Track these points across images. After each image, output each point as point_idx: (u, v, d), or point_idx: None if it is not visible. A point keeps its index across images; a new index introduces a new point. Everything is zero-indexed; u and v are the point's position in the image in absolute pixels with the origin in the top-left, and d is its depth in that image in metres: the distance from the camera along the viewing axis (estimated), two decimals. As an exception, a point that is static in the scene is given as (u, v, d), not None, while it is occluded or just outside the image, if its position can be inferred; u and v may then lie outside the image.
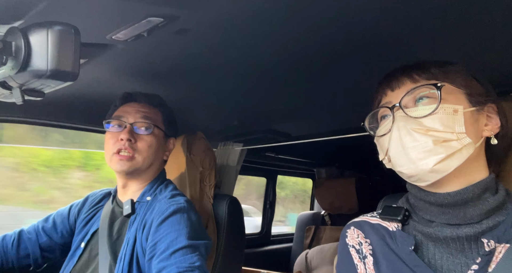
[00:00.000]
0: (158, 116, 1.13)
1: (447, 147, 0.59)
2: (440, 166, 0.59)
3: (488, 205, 0.60)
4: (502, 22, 0.69)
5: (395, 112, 0.64)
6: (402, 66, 0.68)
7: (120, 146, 1.05)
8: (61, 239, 1.18)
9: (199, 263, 0.92)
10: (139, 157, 1.06)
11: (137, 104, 1.12)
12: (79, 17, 0.67)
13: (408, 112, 0.62)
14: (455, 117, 0.60)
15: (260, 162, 2.31)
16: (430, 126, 0.60)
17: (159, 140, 1.12)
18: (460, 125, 0.60)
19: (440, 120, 0.60)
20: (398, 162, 0.62)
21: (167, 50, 0.84)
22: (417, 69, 0.65)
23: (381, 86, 0.70)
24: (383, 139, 0.66)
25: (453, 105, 0.61)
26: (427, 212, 0.64)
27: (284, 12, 0.67)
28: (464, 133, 0.60)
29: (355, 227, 0.73)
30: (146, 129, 1.08)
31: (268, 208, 2.61)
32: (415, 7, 0.64)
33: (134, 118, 1.08)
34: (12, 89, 0.61)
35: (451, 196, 0.60)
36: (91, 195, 1.26)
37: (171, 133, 1.18)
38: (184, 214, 1.01)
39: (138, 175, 1.10)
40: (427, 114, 0.60)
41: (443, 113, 0.60)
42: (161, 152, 1.15)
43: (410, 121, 0.61)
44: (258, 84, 1.08)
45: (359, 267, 0.68)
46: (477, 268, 0.57)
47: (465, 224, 0.60)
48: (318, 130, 1.63)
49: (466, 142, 0.59)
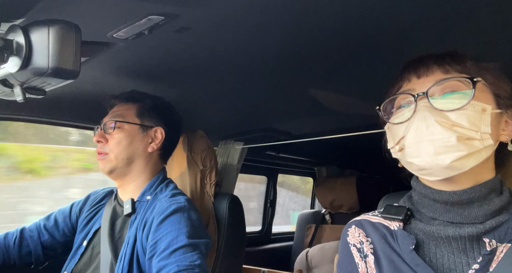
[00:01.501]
0: (129, 110, 1.13)
1: (469, 145, 0.57)
2: (457, 163, 0.56)
3: (494, 205, 0.59)
4: (504, 20, 0.68)
5: (418, 101, 0.60)
6: (433, 54, 0.64)
7: (96, 149, 1.11)
8: (63, 237, 1.18)
9: (199, 261, 0.92)
10: (111, 154, 1.08)
11: (115, 107, 1.15)
12: (80, 15, 0.67)
13: (434, 103, 0.59)
14: (482, 117, 0.58)
15: (261, 161, 2.31)
16: (456, 121, 0.57)
17: (131, 134, 1.11)
18: (486, 125, 0.58)
19: (467, 117, 0.57)
20: (413, 152, 0.59)
21: (167, 48, 0.84)
22: (450, 59, 0.61)
23: (406, 71, 0.65)
24: (398, 126, 0.62)
25: (483, 103, 0.58)
26: (431, 209, 0.63)
27: (284, 11, 0.66)
28: (488, 134, 0.58)
29: (356, 225, 0.72)
30: (111, 128, 1.10)
31: (269, 206, 2.62)
32: (414, 6, 0.64)
33: (104, 121, 1.12)
34: (13, 87, 0.62)
35: (457, 195, 0.59)
36: (93, 193, 1.26)
37: (154, 123, 1.15)
38: (185, 213, 1.01)
39: (122, 173, 1.10)
40: (455, 109, 0.57)
41: (472, 111, 0.57)
42: (140, 145, 1.11)
43: (435, 113, 0.58)
44: (259, 82, 1.08)
45: (360, 265, 0.68)
46: (478, 267, 0.57)
47: (468, 223, 0.59)
48: (319, 129, 1.63)
49: (488, 143, 0.58)
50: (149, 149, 1.13)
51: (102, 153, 1.09)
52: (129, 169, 1.11)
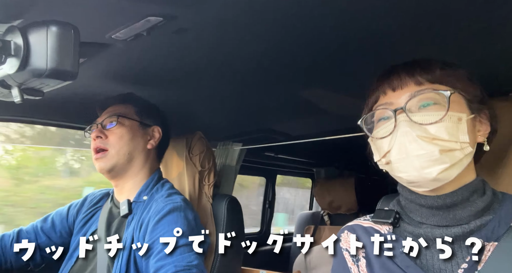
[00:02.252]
0: (128, 109, 1.14)
1: (451, 156, 0.58)
2: (442, 174, 0.59)
3: (477, 206, 0.61)
4: (503, 20, 0.68)
5: (397, 115, 0.62)
6: (404, 64, 0.66)
7: (94, 145, 1.08)
8: (60, 239, 1.18)
9: (196, 261, 0.92)
10: (113, 150, 1.07)
11: (110, 107, 1.15)
12: (79, 16, 0.67)
13: (412, 117, 0.60)
14: (459, 126, 0.59)
15: (260, 162, 2.31)
16: (435, 134, 0.58)
17: (132, 130, 1.11)
18: (464, 134, 0.59)
19: (446, 129, 0.58)
20: (400, 168, 0.61)
21: (166, 49, 0.84)
22: (421, 70, 0.63)
23: (381, 84, 0.67)
24: (382, 141, 0.64)
25: (458, 113, 0.60)
26: (418, 213, 0.65)
27: (283, 11, 0.67)
28: (467, 143, 0.59)
29: (349, 231, 0.74)
30: (112, 123, 1.10)
31: (267, 207, 2.61)
32: (413, 5, 0.64)
33: (102, 118, 1.11)
34: (11, 89, 0.61)
35: (441, 199, 0.61)
36: (90, 195, 1.26)
37: (151, 122, 1.17)
38: (181, 213, 1.01)
39: (122, 170, 1.10)
40: (433, 122, 0.59)
41: (449, 122, 0.59)
42: (141, 142, 1.13)
43: (415, 128, 0.59)
44: (258, 83, 1.08)
45: (353, 270, 0.69)
46: (467, 266, 0.58)
47: (454, 225, 0.61)
48: (317, 130, 1.63)
49: (468, 151, 0.60)
50: (148, 145, 1.15)
51: (101, 149, 1.07)
52: (129, 166, 1.11)
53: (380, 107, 0.66)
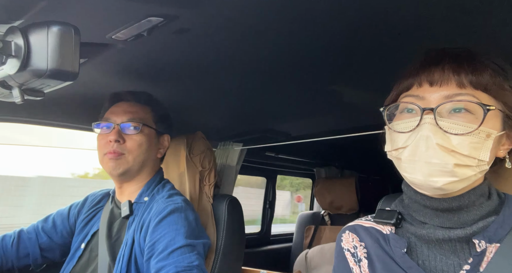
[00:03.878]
0: (147, 114, 1.12)
1: (463, 172, 0.56)
2: (448, 186, 0.57)
3: (482, 210, 0.60)
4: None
5: (424, 115, 0.57)
6: (450, 54, 0.59)
7: (109, 148, 1.04)
8: (61, 239, 1.18)
9: (197, 262, 0.92)
10: (129, 156, 1.06)
11: (125, 104, 1.11)
12: (79, 17, 0.67)
13: (439, 121, 0.56)
14: (485, 143, 0.56)
15: (260, 162, 2.31)
16: (456, 147, 0.55)
17: (149, 138, 1.11)
18: (487, 151, 0.56)
19: (469, 144, 0.55)
20: (408, 169, 0.59)
21: (167, 50, 0.84)
22: (467, 69, 0.57)
23: (419, 73, 0.61)
24: (399, 135, 0.60)
25: (488, 129, 0.56)
26: (421, 214, 0.64)
27: (284, 11, 0.66)
28: (485, 161, 0.57)
29: (350, 231, 0.73)
30: (135, 129, 1.07)
31: (268, 207, 2.61)
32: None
33: (121, 119, 1.07)
34: (12, 89, 0.61)
35: (447, 202, 0.60)
36: (91, 195, 1.26)
37: (164, 130, 1.17)
38: (182, 214, 1.01)
39: (131, 176, 1.10)
40: (459, 134, 0.55)
41: (476, 137, 0.55)
42: (154, 150, 1.14)
43: (438, 135, 0.56)
44: (258, 84, 1.08)
45: (355, 270, 0.69)
46: (469, 268, 0.58)
47: (458, 227, 0.60)
48: (318, 130, 1.63)
49: (483, 169, 0.58)
50: (158, 154, 1.16)
51: (118, 153, 1.05)
52: (139, 172, 1.11)
53: (409, 98, 0.61)
